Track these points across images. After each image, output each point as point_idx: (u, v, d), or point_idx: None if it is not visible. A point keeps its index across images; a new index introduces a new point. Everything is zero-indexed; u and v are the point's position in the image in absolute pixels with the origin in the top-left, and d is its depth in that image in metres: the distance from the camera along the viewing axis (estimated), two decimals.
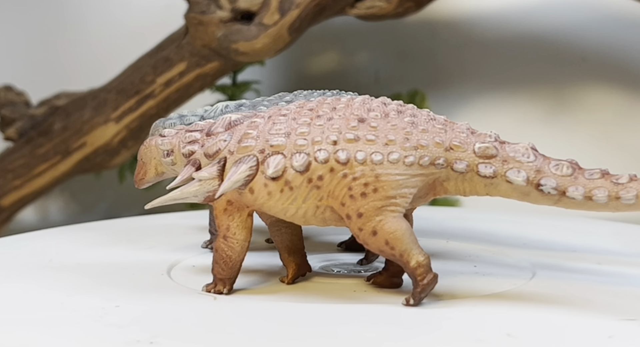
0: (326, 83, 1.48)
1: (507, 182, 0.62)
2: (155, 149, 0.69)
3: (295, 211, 0.63)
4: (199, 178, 0.64)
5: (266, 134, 0.63)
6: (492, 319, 0.60)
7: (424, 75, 1.46)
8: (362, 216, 0.62)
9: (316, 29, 1.28)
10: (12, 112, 1.34)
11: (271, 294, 0.66)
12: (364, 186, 0.62)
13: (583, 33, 1.40)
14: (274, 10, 1.17)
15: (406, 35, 1.46)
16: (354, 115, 0.63)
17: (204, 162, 0.65)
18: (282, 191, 0.63)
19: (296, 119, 0.64)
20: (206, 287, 0.66)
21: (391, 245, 0.62)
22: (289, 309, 0.62)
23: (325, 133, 0.63)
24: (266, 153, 0.63)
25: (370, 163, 0.62)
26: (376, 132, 0.62)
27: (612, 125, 1.38)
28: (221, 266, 0.66)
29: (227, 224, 0.65)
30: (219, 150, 0.64)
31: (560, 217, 0.98)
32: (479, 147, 0.62)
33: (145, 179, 0.71)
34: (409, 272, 0.62)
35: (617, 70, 1.39)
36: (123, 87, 1.27)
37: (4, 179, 1.32)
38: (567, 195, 0.61)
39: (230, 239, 0.65)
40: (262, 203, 0.63)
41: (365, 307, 0.63)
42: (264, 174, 0.63)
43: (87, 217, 1.50)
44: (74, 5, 1.54)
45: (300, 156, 0.62)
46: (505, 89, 1.43)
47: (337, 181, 0.62)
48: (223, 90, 1.39)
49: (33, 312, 0.62)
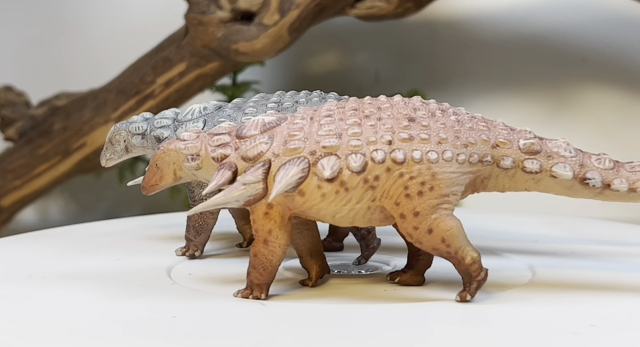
0: (326, 83, 1.48)
1: (552, 176, 0.64)
2: (174, 153, 0.65)
3: (346, 212, 0.63)
4: (244, 182, 0.62)
5: (314, 136, 0.62)
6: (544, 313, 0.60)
7: (424, 75, 1.46)
8: (419, 215, 0.62)
9: (316, 29, 1.28)
10: (12, 112, 1.34)
11: (304, 298, 0.65)
12: (421, 185, 0.62)
13: (583, 33, 1.40)
14: (274, 10, 1.17)
15: (406, 35, 1.46)
16: (403, 115, 0.63)
17: (242, 165, 0.63)
18: (337, 192, 0.62)
19: (344, 119, 0.63)
20: (241, 293, 0.65)
21: (447, 242, 0.63)
22: (332, 311, 0.62)
23: (378, 133, 0.63)
24: (318, 154, 0.62)
25: (427, 162, 0.62)
26: (428, 131, 0.63)
27: (612, 125, 1.38)
28: (259, 271, 0.64)
29: (269, 228, 0.63)
30: (260, 153, 0.63)
31: (559, 217, 0.98)
32: (524, 143, 0.64)
33: (159, 184, 0.67)
34: (464, 268, 0.63)
35: (617, 70, 1.39)
36: (123, 87, 1.27)
37: (4, 179, 1.32)
38: (611, 188, 0.64)
39: (272, 243, 0.63)
40: (312, 205, 0.63)
41: (415, 306, 0.63)
42: (317, 175, 0.62)
43: (87, 218, 1.50)
44: (74, 5, 1.54)
45: (357, 157, 0.62)
46: (505, 89, 1.43)
47: (393, 181, 0.62)
48: (223, 91, 1.39)
49: (35, 316, 0.62)
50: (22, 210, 1.37)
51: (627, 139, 1.39)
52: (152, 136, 0.76)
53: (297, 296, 0.66)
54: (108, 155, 0.78)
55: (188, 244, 0.77)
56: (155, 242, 0.83)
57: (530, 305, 0.63)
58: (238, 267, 0.75)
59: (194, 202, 0.75)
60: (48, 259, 0.77)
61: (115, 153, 0.77)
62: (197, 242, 0.76)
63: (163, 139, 0.75)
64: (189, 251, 0.76)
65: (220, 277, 0.72)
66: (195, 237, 0.76)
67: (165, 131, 0.75)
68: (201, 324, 0.59)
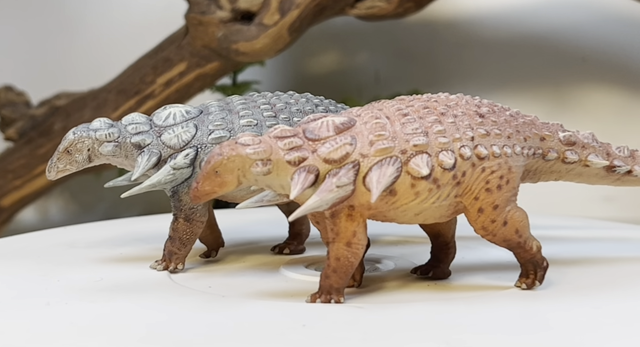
0: (326, 83, 1.49)
1: (586, 166, 0.69)
2: (239, 159, 0.61)
3: (429, 210, 0.63)
4: (339, 184, 0.61)
5: (402, 134, 0.62)
6: None
7: (424, 75, 1.46)
8: (497, 208, 0.64)
9: (316, 29, 1.28)
10: (12, 112, 1.34)
11: (355, 299, 0.64)
12: (500, 179, 0.64)
13: (583, 33, 1.40)
14: (274, 10, 1.17)
15: (406, 35, 1.46)
16: (473, 111, 0.65)
17: (324, 168, 0.61)
18: (430, 190, 0.62)
19: (423, 118, 0.63)
20: (321, 299, 0.62)
21: (520, 233, 0.65)
22: (397, 309, 0.61)
23: (460, 130, 0.64)
24: (409, 153, 0.62)
25: (504, 156, 0.64)
26: (498, 127, 0.65)
27: (612, 125, 1.38)
28: (340, 275, 0.62)
29: (353, 230, 0.62)
30: (347, 154, 0.61)
31: (560, 218, 0.98)
32: (563, 135, 0.69)
33: (217, 192, 0.62)
34: (530, 257, 0.66)
35: (617, 70, 1.39)
36: (123, 87, 1.27)
37: (4, 179, 1.32)
38: (632, 174, 0.71)
39: (355, 245, 0.62)
40: (402, 204, 0.62)
41: (478, 296, 0.65)
42: (410, 174, 0.62)
43: (87, 218, 1.50)
44: (74, 6, 1.54)
45: (448, 154, 0.62)
46: (505, 89, 1.43)
47: (476, 176, 0.63)
48: (223, 91, 1.39)
49: (35, 314, 0.62)
50: (22, 210, 1.37)
51: (627, 138, 1.38)
52: (130, 143, 0.71)
53: (355, 297, 0.65)
54: (62, 166, 0.72)
55: (169, 257, 0.72)
56: (155, 242, 0.83)
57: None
58: (238, 268, 0.75)
59: (179, 212, 0.72)
60: (48, 258, 0.77)
61: (73, 163, 0.71)
62: (182, 254, 0.72)
63: (145, 145, 0.71)
64: (171, 265, 0.72)
65: (221, 277, 0.72)
66: (180, 249, 0.72)
67: (147, 138, 0.71)
68: (202, 325, 0.59)
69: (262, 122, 0.72)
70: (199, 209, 0.72)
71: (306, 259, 0.77)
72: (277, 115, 0.72)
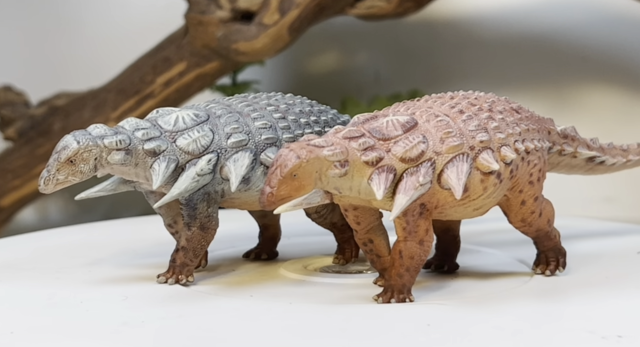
0: (326, 83, 1.49)
1: (574, 157, 0.73)
2: (318, 161, 0.59)
3: (485, 205, 0.65)
4: (423, 182, 0.61)
5: (466, 131, 0.63)
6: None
7: (424, 75, 1.46)
8: (537, 200, 0.67)
9: (316, 29, 1.27)
10: (11, 112, 1.34)
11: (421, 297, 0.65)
12: (539, 172, 0.67)
13: (583, 33, 1.40)
14: (274, 10, 1.17)
15: (406, 35, 1.46)
16: (510, 108, 0.67)
17: (400, 167, 0.61)
18: (495, 184, 0.64)
19: (477, 114, 0.64)
20: (394, 298, 0.62)
21: (550, 222, 0.69)
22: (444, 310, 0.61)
23: (509, 126, 0.65)
24: (477, 149, 0.63)
25: (541, 150, 0.67)
26: (528, 122, 0.67)
27: (612, 125, 1.38)
28: (412, 274, 0.62)
29: (426, 227, 0.62)
30: (422, 152, 0.61)
31: (560, 218, 0.98)
32: (560, 129, 0.72)
33: (294, 196, 0.59)
34: (553, 245, 0.69)
35: (617, 70, 1.39)
36: (123, 87, 1.27)
37: (4, 179, 1.32)
38: (605, 164, 0.76)
39: (427, 243, 0.62)
40: (470, 200, 0.63)
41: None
42: (479, 170, 0.63)
43: (87, 218, 1.50)
44: (74, 5, 1.54)
45: (508, 149, 0.64)
46: (505, 89, 1.43)
47: (523, 170, 0.65)
48: (223, 90, 1.39)
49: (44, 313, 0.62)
50: (21, 210, 1.37)
51: (627, 138, 1.38)
52: (142, 150, 0.66)
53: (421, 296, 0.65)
54: (62, 178, 0.66)
55: (181, 269, 0.68)
56: (155, 242, 0.83)
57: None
58: (238, 267, 0.75)
59: (194, 220, 0.67)
60: (47, 259, 0.77)
61: (77, 174, 0.66)
62: (193, 265, 0.68)
63: (160, 152, 0.66)
64: (182, 278, 0.68)
65: (222, 277, 0.72)
66: (193, 260, 0.68)
67: (162, 144, 0.66)
68: (204, 325, 0.59)
69: (275, 124, 0.69)
70: (214, 217, 0.68)
71: (305, 260, 0.77)
72: (285, 117, 0.70)
